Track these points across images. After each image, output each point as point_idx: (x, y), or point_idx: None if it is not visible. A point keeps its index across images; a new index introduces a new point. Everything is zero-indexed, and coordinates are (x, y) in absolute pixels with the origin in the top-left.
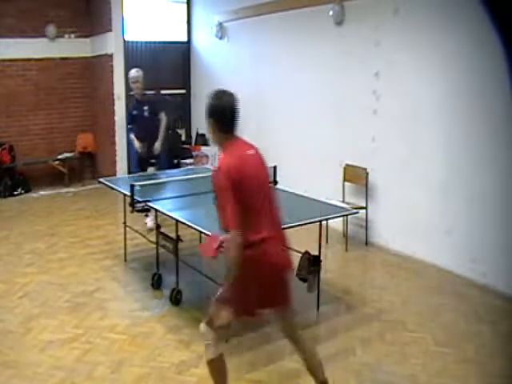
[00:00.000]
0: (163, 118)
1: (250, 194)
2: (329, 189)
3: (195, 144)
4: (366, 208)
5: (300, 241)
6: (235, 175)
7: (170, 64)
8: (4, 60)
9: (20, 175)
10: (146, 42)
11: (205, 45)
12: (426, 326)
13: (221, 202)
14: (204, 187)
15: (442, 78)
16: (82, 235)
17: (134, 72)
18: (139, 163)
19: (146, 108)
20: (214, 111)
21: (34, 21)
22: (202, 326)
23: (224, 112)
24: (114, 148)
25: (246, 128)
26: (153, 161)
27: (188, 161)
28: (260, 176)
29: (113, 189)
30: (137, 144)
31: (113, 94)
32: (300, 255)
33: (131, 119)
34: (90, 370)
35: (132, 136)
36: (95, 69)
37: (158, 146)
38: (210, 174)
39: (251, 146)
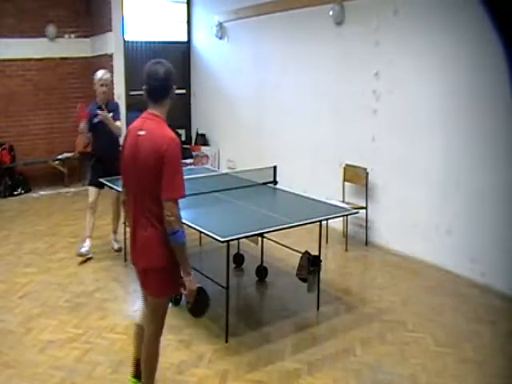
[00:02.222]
0: (120, 126)
1: (122, 168)
2: (329, 189)
3: (195, 144)
4: (366, 208)
5: (300, 241)
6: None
7: (170, 64)
8: (4, 60)
9: (20, 175)
10: (145, 42)
11: (205, 45)
12: (426, 325)
13: None
14: (204, 187)
15: (441, 78)
16: (82, 235)
17: (102, 74)
18: (96, 175)
19: (110, 115)
20: (143, 79)
21: (33, 21)
22: None
23: (145, 81)
24: None
25: (246, 127)
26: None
27: (188, 161)
28: (133, 157)
29: (113, 189)
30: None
31: (113, 94)
32: (300, 255)
33: (91, 127)
34: (90, 370)
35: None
36: (95, 69)
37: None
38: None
39: (149, 128)
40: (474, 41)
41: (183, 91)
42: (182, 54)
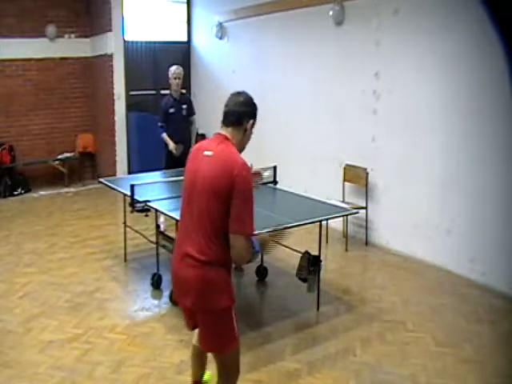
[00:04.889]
0: (195, 120)
1: (183, 188)
2: (329, 189)
3: (195, 144)
4: (366, 208)
5: (300, 241)
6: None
7: (170, 64)
8: (4, 60)
9: (20, 175)
10: (145, 42)
11: (205, 45)
12: (426, 326)
13: None
14: None
15: (441, 77)
16: (82, 235)
17: (176, 68)
18: (168, 165)
19: (184, 107)
20: None
21: (33, 21)
22: None
23: (224, 106)
24: (113, 148)
25: None
26: None
27: None
28: (195, 179)
29: (113, 189)
30: (172, 145)
31: (113, 94)
32: (300, 255)
33: (166, 117)
34: (90, 370)
35: (165, 136)
36: (95, 69)
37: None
38: None
39: (217, 150)
40: (474, 41)
41: (183, 91)
42: (182, 54)
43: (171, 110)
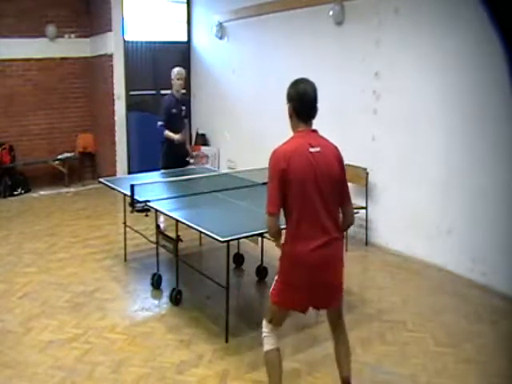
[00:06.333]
0: (186, 121)
1: (292, 191)
2: None
3: (195, 144)
4: (366, 208)
5: None
6: (280, 164)
7: (170, 64)
8: (4, 60)
9: (20, 175)
10: (146, 42)
11: (205, 45)
12: (426, 325)
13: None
14: (204, 187)
15: (442, 77)
16: (82, 235)
17: (179, 69)
18: (167, 165)
19: (183, 108)
20: (290, 97)
21: (34, 21)
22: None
23: (298, 100)
24: (113, 148)
25: (247, 127)
26: (188, 159)
27: None
28: (315, 175)
29: (113, 189)
30: (176, 135)
31: (113, 94)
32: None
33: (168, 117)
34: (90, 370)
35: (167, 132)
36: (95, 69)
37: (189, 148)
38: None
39: (319, 143)
40: (475, 40)
41: (183, 91)
42: (181, 54)
43: (173, 111)
